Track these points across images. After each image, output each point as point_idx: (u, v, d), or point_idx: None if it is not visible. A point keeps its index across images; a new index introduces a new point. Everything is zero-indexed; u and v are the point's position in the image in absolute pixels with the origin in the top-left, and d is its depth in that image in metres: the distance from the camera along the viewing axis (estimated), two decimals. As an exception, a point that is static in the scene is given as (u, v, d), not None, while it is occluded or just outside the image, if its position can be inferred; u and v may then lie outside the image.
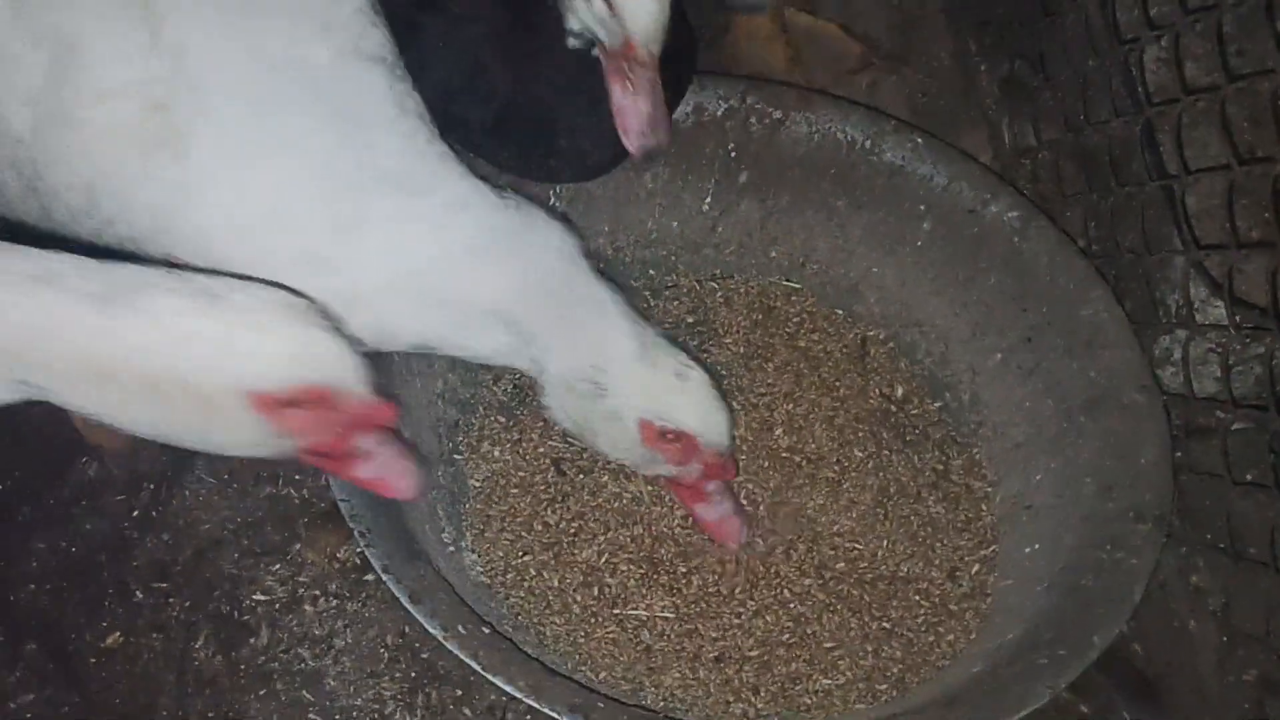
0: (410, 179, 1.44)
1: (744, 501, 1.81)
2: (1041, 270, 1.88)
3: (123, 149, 1.34)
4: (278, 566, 1.84)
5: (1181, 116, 1.73)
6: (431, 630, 1.42)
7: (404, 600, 1.44)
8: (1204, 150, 1.74)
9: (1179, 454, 1.76)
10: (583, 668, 1.64)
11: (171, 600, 1.80)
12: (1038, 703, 1.44)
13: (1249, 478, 1.65)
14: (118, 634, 1.77)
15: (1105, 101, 1.95)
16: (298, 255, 1.39)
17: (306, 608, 1.80)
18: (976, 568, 1.79)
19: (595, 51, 1.67)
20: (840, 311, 2.06)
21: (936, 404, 1.98)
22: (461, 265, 1.47)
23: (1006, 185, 1.97)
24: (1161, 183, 1.82)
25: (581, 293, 1.54)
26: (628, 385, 1.57)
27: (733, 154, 2.04)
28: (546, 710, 1.39)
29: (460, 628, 1.42)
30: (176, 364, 1.14)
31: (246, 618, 1.80)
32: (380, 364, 1.32)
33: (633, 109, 1.61)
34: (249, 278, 1.23)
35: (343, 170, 1.39)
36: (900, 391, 1.99)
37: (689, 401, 1.62)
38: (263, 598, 1.81)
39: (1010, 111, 2.28)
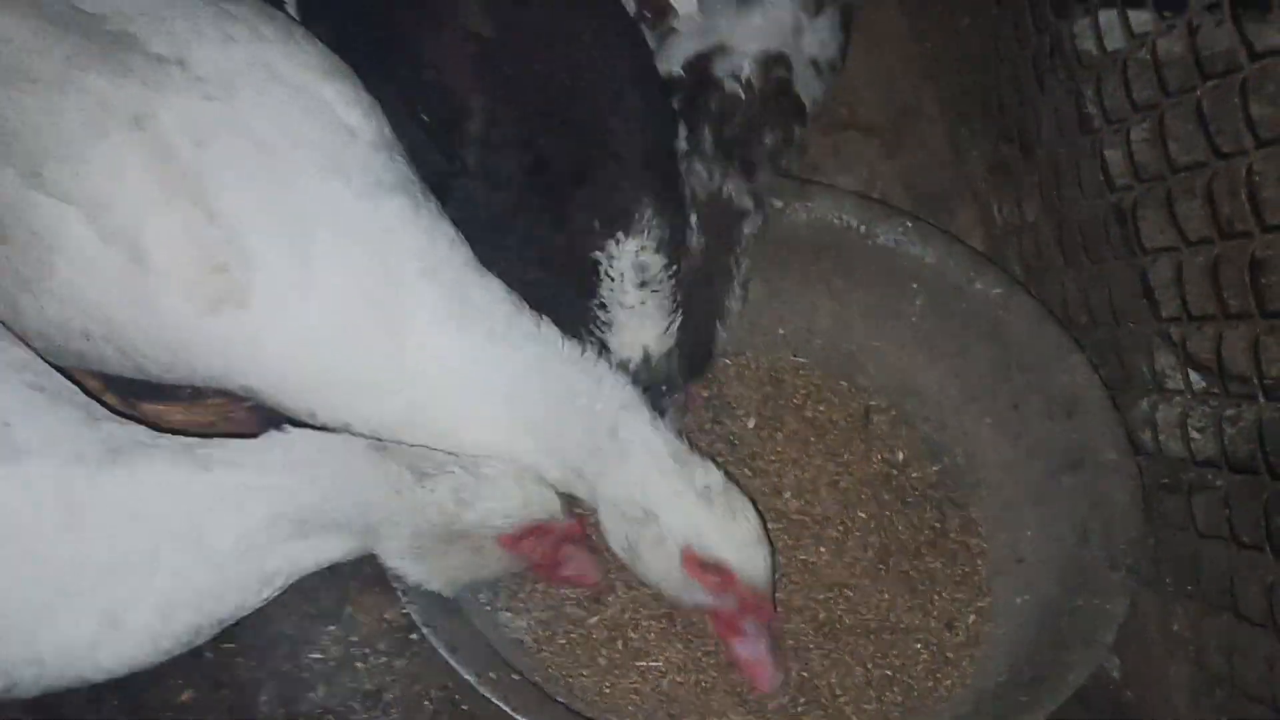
0: (448, 306, 1.64)
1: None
2: (1023, 341, 2.05)
3: (194, 311, 1.58)
4: (332, 627, 2.01)
5: (1137, 199, 1.91)
6: (466, 676, 1.60)
7: (442, 650, 1.62)
8: (1163, 229, 1.91)
9: (1156, 508, 1.92)
10: (609, 714, 1.80)
11: (238, 660, 1.98)
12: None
13: (1213, 531, 1.80)
14: (190, 691, 1.95)
15: (1079, 182, 2.14)
16: (359, 381, 1.62)
17: (358, 665, 1.98)
18: (972, 618, 1.94)
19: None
20: (844, 383, 2.23)
21: (935, 467, 2.14)
22: (500, 407, 1.66)
23: (990, 263, 2.15)
24: (1126, 260, 2.00)
25: (628, 435, 1.68)
26: (676, 515, 1.69)
27: None
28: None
29: (492, 674, 1.60)
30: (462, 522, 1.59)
31: (305, 674, 1.98)
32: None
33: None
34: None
35: (385, 300, 1.61)
36: (901, 456, 2.15)
37: (732, 536, 1.70)
38: (319, 656, 1.99)
39: (998, 192, 2.46)
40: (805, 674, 1.87)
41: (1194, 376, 1.93)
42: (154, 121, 1.60)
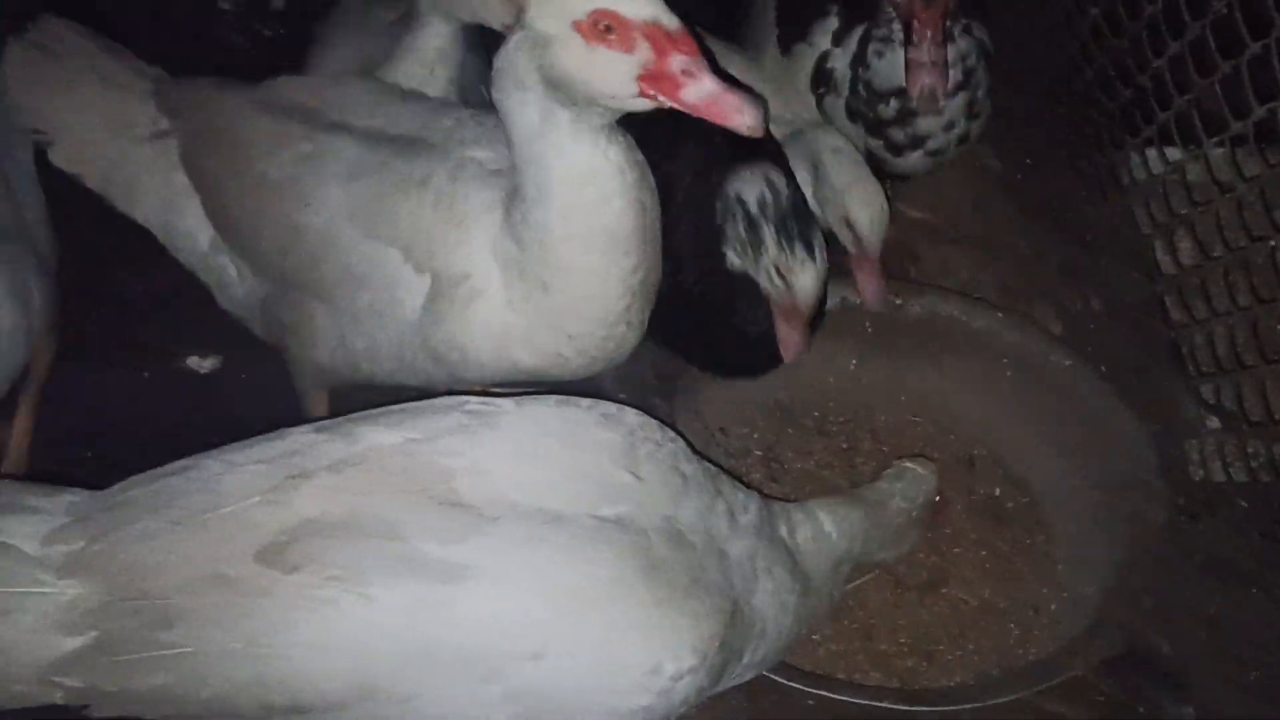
0: None
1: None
2: (1086, 400, 2.67)
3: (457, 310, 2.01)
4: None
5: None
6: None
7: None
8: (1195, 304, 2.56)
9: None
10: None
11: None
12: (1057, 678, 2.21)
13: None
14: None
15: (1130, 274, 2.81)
16: None
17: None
18: (1054, 606, 2.54)
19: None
20: (952, 435, 2.82)
21: (1025, 499, 2.72)
22: None
23: (1060, 342, 2.79)
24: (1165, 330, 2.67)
25: None
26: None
27: (869, 328, 2.85)
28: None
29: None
30: None
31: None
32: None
33: (790, 340, 2.24)
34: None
35: None
36: (998, 490, 2.75)
37: None
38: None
39: (1067, 287, 3.11)
40: (927, 645, 2.46)
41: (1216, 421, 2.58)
42: (434, 179, 2.01)
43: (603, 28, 1.66)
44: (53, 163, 2.34)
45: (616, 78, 1.69)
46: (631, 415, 1.76)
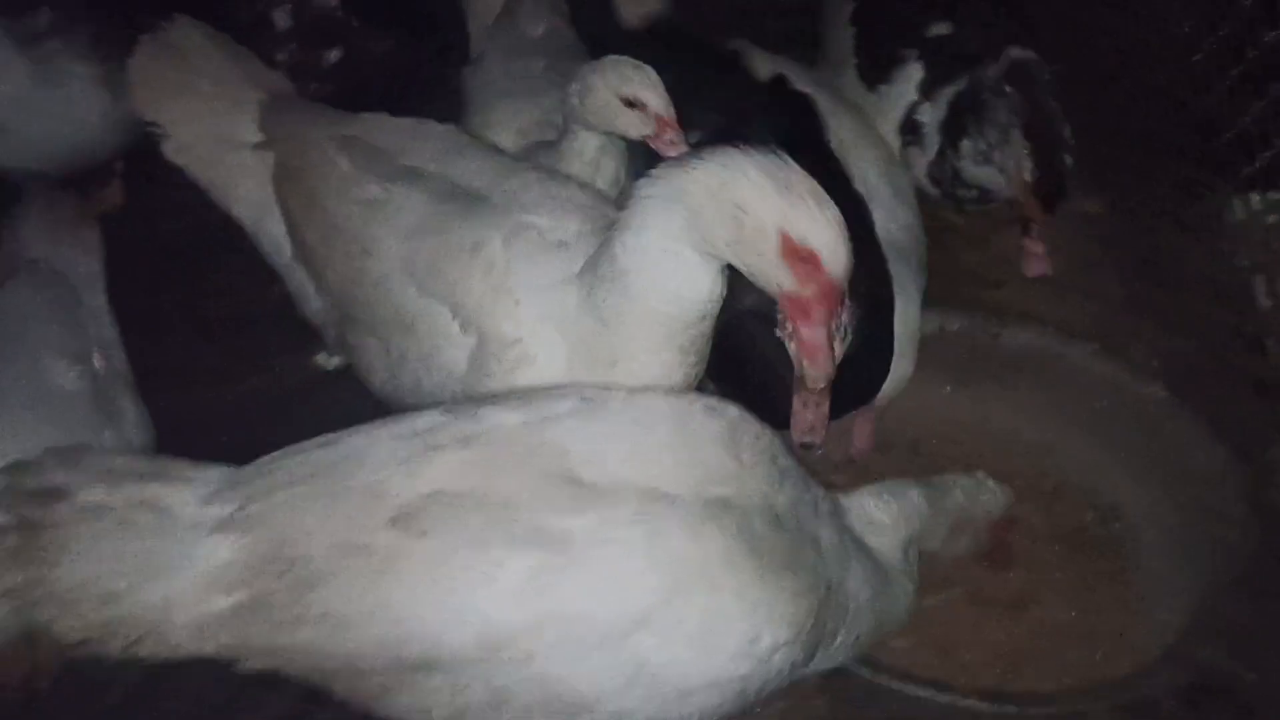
0: None
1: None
2: (1178, 435, 2.73)
3: (503, 373, 2.09)
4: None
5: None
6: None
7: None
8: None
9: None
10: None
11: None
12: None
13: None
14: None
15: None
16: None
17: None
18: (1136, 631, 2.56)
19: None
20: (1042, 462, 2.88)
21: (1117, 524, 2.79)
22: None
23: (1154, 376, 2.84)
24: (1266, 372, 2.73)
25: None
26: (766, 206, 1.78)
27: (965, 355, 2.97)
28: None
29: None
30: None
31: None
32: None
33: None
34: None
35: None
36: (1089, 516, 2.82)
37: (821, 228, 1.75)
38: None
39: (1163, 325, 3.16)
40: (1009, 662, 2.52)
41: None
42: (487, 247, 2.09)
43: (802, 254, 1.75)
44: (163, 155, 2.52)
45: (778, 284, 1.80)
46: (733, 409, 1.85)
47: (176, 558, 1.67)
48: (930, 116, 2.97)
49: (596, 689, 1.67)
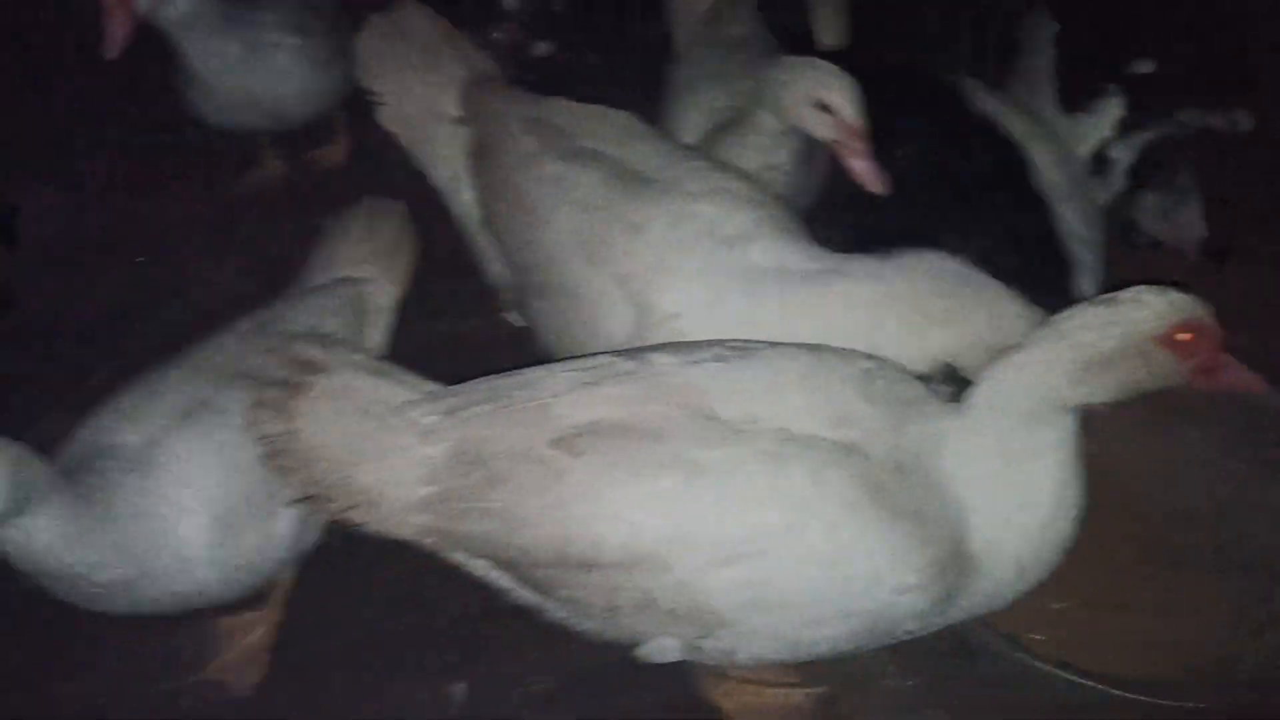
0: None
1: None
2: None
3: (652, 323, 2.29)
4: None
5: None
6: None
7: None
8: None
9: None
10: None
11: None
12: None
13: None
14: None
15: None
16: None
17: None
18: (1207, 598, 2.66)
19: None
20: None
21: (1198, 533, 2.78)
22: None
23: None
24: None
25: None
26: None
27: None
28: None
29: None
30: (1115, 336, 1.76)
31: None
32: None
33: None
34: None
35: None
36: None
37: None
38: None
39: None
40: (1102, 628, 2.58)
41: None
42: (647, 226, 2.25)
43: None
44: (377, 121, 2.84)
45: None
46: (868, 359, 1.99)
47: (394, 448, 1.96)
48: (1121, 155, 3.04)
49: (726, 604, 1.85)
